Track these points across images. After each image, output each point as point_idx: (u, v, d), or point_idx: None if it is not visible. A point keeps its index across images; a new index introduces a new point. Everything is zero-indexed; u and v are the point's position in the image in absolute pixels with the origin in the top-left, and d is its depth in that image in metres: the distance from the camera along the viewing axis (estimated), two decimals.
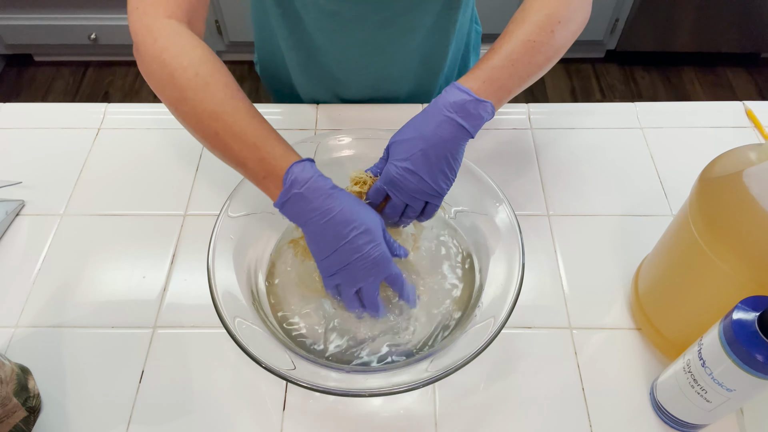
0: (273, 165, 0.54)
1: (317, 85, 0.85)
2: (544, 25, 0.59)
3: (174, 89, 0.55)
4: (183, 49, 0.55)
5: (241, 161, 0.55)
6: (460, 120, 0.55)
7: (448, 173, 0.56)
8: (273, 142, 0.55)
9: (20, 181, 0.75)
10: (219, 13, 1.95)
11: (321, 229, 0.53)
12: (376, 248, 0.54)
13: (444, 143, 0.55)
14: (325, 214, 0.53)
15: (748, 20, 1.96)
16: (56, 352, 0.61)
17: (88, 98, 2.08)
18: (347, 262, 0.54)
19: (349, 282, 0.55)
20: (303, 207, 0.53)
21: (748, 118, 0.82)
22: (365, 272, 0.54)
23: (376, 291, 0.56)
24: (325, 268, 0.56)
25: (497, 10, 1.96)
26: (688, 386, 0.50)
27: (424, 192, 0.56)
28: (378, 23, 0.74)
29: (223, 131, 0.54)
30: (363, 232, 0.54)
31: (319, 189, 0.53)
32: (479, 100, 0.55)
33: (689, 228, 0.50)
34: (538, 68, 0.59)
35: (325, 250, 0.54)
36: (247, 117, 0.55)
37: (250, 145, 0.54)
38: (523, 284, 0.55)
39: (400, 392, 0.50)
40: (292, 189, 0.53)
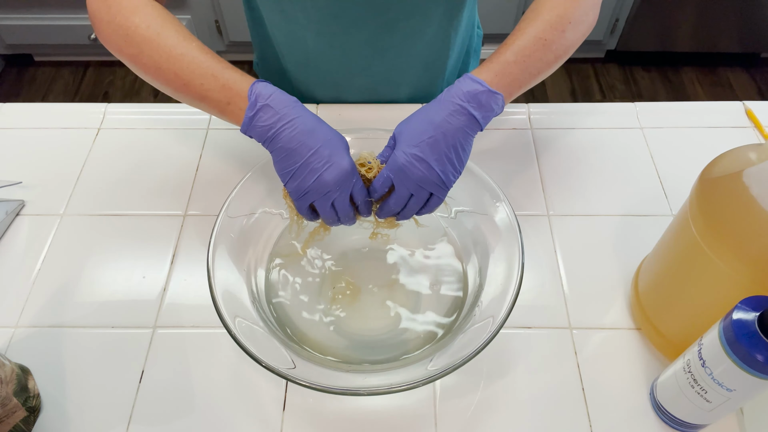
0: (235, 89, 0.56)
1: (316, 87, 0.85)
2: (555, 24, 0.59)
3: (131, 46, 0.58)
4: (134, 10, 0.59)
5: (203, 94, 0.57)
6: (472, 110, 0.55)
7: (456, 164, 0.56)
8: (230, 71, 0.57)
9: (20, 181, 0.75)
10: (219, 13, 1.95)
11: (289, 140, 0.54)
12: (344, 157, 0.55)
13: (455, 132, 0.55)
14: (293, 124, 0.54)
15: (748, 20, 1.96)
16: (56, 352, 0.61)
17: (88, 98, 2.08)
18: (318, 173, 0.54)
19: (323, 196, 0.55)
20: (271, 118, 0.55)
21: (748, 118, 0.82)
22: (338, 183, 0.55)
23: (348, 201, 0.57)
24: (296, 188, 0.55)
25: (497, 10, 1.96)
26: (688, 386, 0.50)
27: (432, 182, 0.56)
28: (380, 27, 0.74)
29: (181, 71, 0.57)
30: (329, 141, 0.55)
31: (283, 100, 0.56)
32: (492, 92, 0.56)
33: (689, 228, 0.50)
34: (547, 66, 0.60)
35: (294, 163, 0.54)
36: (201, 53, 0.58)
37: (208, 76, 0.57)
38: (522, 284, 0.55)
39: (399, 391, 0.50)
40: (258, 102, 0.55)
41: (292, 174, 0.55)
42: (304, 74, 0.84)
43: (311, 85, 0.85)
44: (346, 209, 0.57)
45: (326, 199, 0.56)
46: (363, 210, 0.59)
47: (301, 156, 0.54)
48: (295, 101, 0.56)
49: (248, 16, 0.84)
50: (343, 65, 0.80)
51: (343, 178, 0.55)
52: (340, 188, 0.55)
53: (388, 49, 0.78)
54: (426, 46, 0.78)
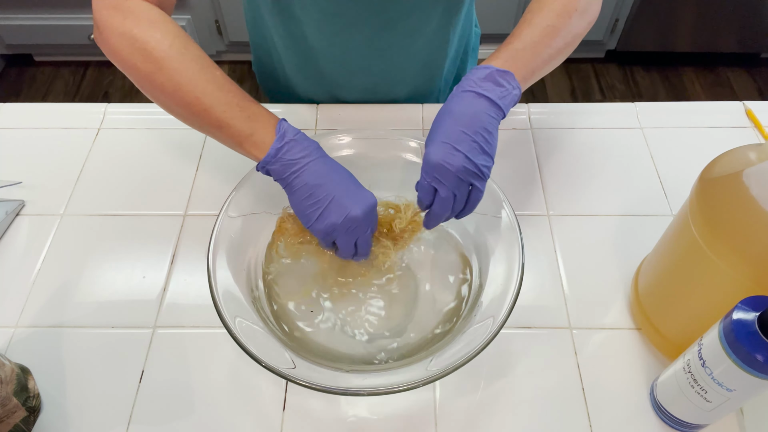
0: (261, 122, 0.56)
1: (315, 86, 0.85)
2: (561, 11, 0.60)
3: (148, 61, 0.56)
4: (154, 24, 0.57)
5: (223, 123, 0.56)
6: (485, 92, 0.55)
7: (488, 150, 0.55)
8: (255, 105, 0.58)
9: (20, 181, 0.75)
10: (219, 13, 1.95)
11: (317, 176, 0.55)
12: (367, 191, 0.56)
13: (476, 118, 0.54)
14: (320, 161, 0.55)
15: (748, 20, 1.96)
16: (56, 352, 0.61)
17: (88, 98, 2.07)
18: (347, 209, 0.54)
19: (350, 232, 0.55)
20: (298, 153, 0.55)
21: (748, 118, 0.82)
22: (366, 218, 0.55)
23: (371, 238, 0.58)
24: (324, 227, 0.55)
25: (497, 10, 1.96)
26: (688, 386, 0.50)
27: (470, 171, 0.54)
28: (379, 26, 0.74)
29: (204, 95, 0.56)
30: (351, 179, 0.56)
31: (309, 139, 0.57)
32: (501, 71, 0.56)
33: (689, 228, 0.50)
34: (558, 52, 0.60)
35: (321, 201, 0.54)
36: (226, 83, 0.58)
37: (233, 106, 0.56)
38: (522, 284, 0.55)
39: (399, 391, 0.50)
40: (286, 136, 0.55)
41: (320, 212, 0.55)
42: (302, 74, 0.84)
43: (309, 85, 0.85)
44: (368, 246, 0.58)
45: (352, 234, 0.56)
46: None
47: (329, 192, 0.54)
48: (318, 145, 0.57)
49: (248, 16, 0.84)
50: (342, 64, 0.80)
51: (370, 213, 0.56)
52: (367, 224, 0.56)
53: (387, 48, 0.78)
54: (425, 44, 0.78)
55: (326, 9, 0.72)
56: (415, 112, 0.83)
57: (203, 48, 2.09)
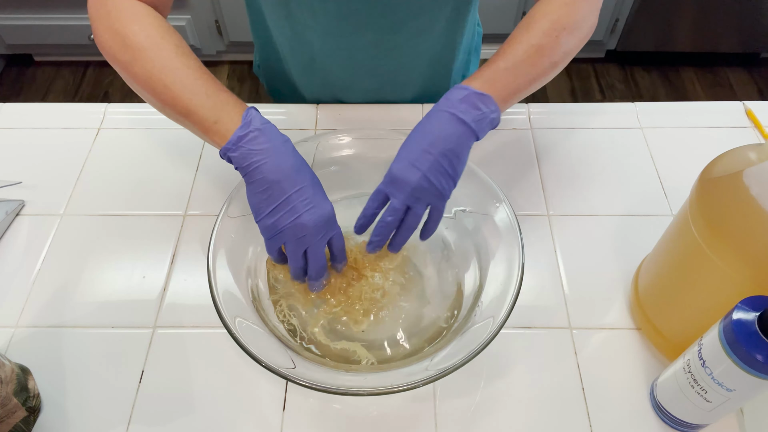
0: (226, 110, 0.55)
1: (320, 88, 0.85)
2: (548, 30, 0.58)
3: (125, 52, 0.57)
4: (135, 18, 0.58)
5: (191, 110, 0.55)
6: (460, 114, 0.54)
7: (450, 172, 0.55)
8: (224, 93, 0.56)
9: (20, 181, 0.75)
10: (219, 13, 1.95)
11: (275, 171, 0.53)
12: (326, 201, 0.55)
13: (445, 139, 0.54)
14: (282, 157, 0.53)
15: (748, 20, 1.96)
16: (56, 352, 0.61)
17: (88, 98, 2.07)
18: (298, 213, 0.53)
19: (297, 240, 0.54)
20: (261, 144, 0.53)
21: (748, 118, 0.82)
22: (317, 227, 0.54)
23: (322, 252, 0.56)
24: (271, 225, 0.54)
25: (497, 10, 1.96)
26: (688, 386, 0.50)
27: (426, 190, 0.55)
28: (386, 27, 0.74)
29: (172, 83, 0.55)
30: (314, 183, 0.55)
31: (276, 133, 0.55)
32: (478, 93, 0.55)
33: (689, 228, 0.50)
34: (543, 72, 0.59)
35: (275, 198, 0.53)
36: (198, 71, 0.56)
37: (200, 94, 0.55)
38: (522, 284, 0.55)
39: (399, 391, 0.50)
40: (252, 125, 0.54)
41: (271, 209, 0.53)
42: (308, 76, 0.84)
43: (315, 87, 0.85)
44: (319, 260, 0.56)
45: (300, 243, 0.54)
46: (339, 258, 0.58)
47: (283, 191, 0.53)
48: (287, 139, 0.56)
49: (251, 18, 0.83)
50: (349, 66, 0.80)
51: (323, 223, 0.54)
52: (318, 234, 0.54)
53: (395, 50, 0.77)
54: (432, 46, 0.78)
55: (334, 13, 0.72)
56: (415, 113, 0.83)
57: (203, 48, 2.08)
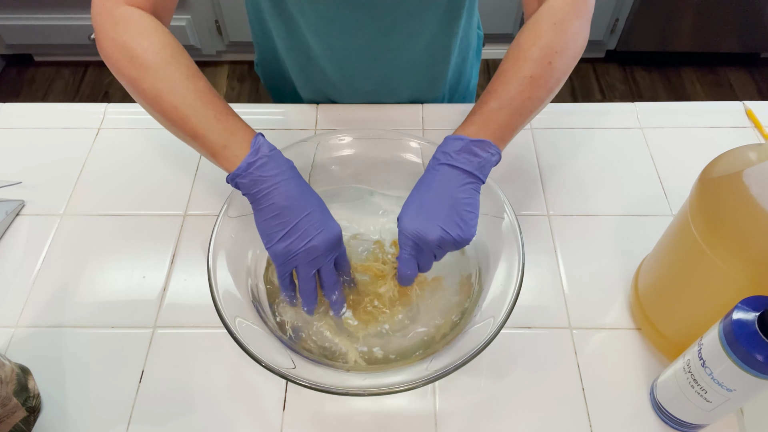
0: (236, 135, 0.55)
1: (316, 89, 0.85)
2: (540, 58, 0.56)
3: (133, 67, 0.56)
4: (144, 32, 0.56)
5: (199, 133, 0.55)
6: (461, 165, 0.54)
7: (469, 221, 0.54)
8: (233, 118, 0.56)
9: (20, 181, 0.75)
10: (219, 13, 1.95)
11: (285, 197, 0.53)
12: (334, 222, 0.56)
13: (453, 192, 0.53)
14: (291, 183, 0.54)
15: (748, 20, 1.96)
16: (56, 352, 0.61)
17: (88, 98, 2.07)
18: (310, 237, 0.53)
19: (310, 262, 0.55)
20: (270, 170, 0.53)
21: (748, 118, 0.82)
22: (328, 248, 0.55)
23: (333, 269, 0.57)
24: (284, 250, 0.54)
25: (497, 11, 1.96)
26: (688, 386, 0.50)
27: (446, 242, 0.54)
28: (378, 30, 0.74)
29: (182, 105, 0.55)
30: (321, 206, 0.55)
31: (284, 159, 0.55)
32: (475, 141, 0.54)
33: (689, 228, 0.50)
34: (539, 102, 0.58)
35: (286, 223, 0.54)
36: (208, 94, 0.56)
37: (210, 118, 0.55)
38: (522, 284, 0.55)
39: (400, 391, 0.50)
40: (261, 151, 0.54)
41: (282, 235, 0.54)
42: (303, 76, 0.84)
43: (311, 87, 0.85)
44: (332, 276, 0.57)
45: (312, 265, 0.55)
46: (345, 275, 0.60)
47: (294, 216, 0.54)
48: (292, 164, 0.56)
49: (251, 17, 0.84)
50: (342, 69, 0.80)
51: (333, 245, 0.56)
52: (329, 254, 0.56)
53: (387, 53, 0.77)
54: (425, 49, 0.78)
55: (324, 14, 0.72)
56: (415, 112, 0.83)
57: (203, 48, 2.08)
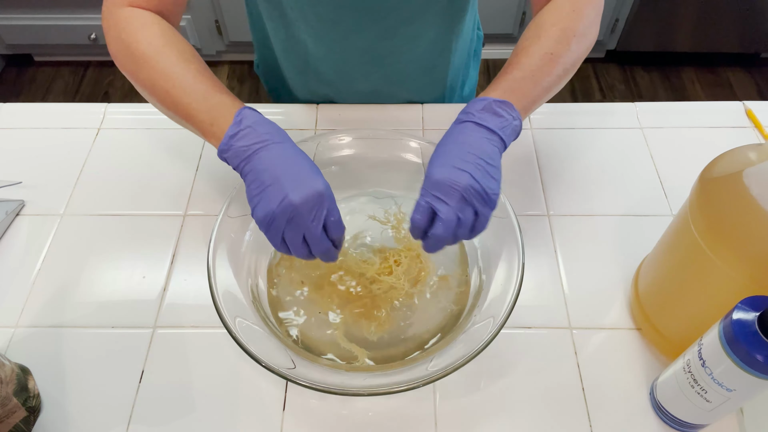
0: (222, 111, 0.55)
1: (315, 90, 0.85)
2: (560, 38, 0.58)
3: (131, 61, 0.58)
4: (141, 27, 0.59)
5: (190, 113, 0.56)
6: (483, 123, 0.53)
7: (493, 175, 0.51)
8: (222, 94, 0.56)
9: (20, 181, 0.75)
10: (219, 13, 1.95)
11: (263, 160, 0.51)
12: (318, 180, 0.51)
13: (478, 143, 0.52)
14: (273, 147, 0.52)
15: (748, 20, 1.96)
16: (56, 352, 0.61)
17: (88, 98, 2.08)
18: (285, 192, 0.49)
19: (292, 222, 0.50)
20: (251, 140, 0.53)
21: (748, 118, 0.82)
22: (308, 205, 0.50)
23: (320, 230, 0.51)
24: (262, 215, 0.51)
25: (497, 11, 1.96)
26: (688, 386, 0.50)
27: (475, 192, 0.50)
28: (379, 33, 0.74)
29: (173, 88, 0.56)
30: (307, 169, 0.51)
31: (268, 125, 0.54)
32: (498, 101, 0.54)
33: (689, 228, 0.50)
34: (558, 79, 0.59)
35: (263, 185, 0.51)
36: (198, 75, 0.57)
37: (199, 97, 0.56)
38: (522, 284, 0.55)
39: (400, 391, 0.50)
40: (243, 123, 0.53)
41: (259, 196, 0.51)
42: (304, 77, 0.84)
43: (310, 89, 0.85)
44: (320, 242, 0.52)
45: (295, 228, 0.50)
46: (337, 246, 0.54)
47: (271, 177, 0.50)
48: (282, 132, 0.54)
49: (251, 18, 0.84)
50: (342, 71, 0.80)
51: (313, 200, 0.50)
52: (311, 213, 0.50)
53: (388, 55, 0.77)
54: (425, 51, 0.78)
55: (324, 16, 0.72)
56: (415, 112, 0.83)
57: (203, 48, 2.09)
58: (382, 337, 0.60)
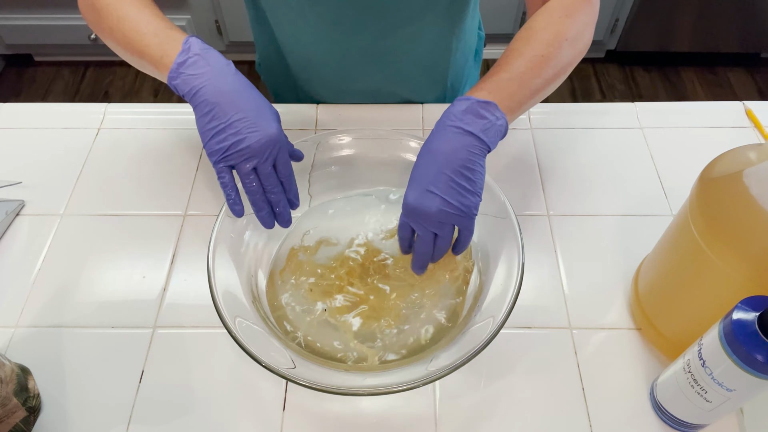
0: (171, 44, 0.57)
1: (316, 89, 0.85)
2: (551, 41, 0.58)
3: (94, 14, 0.62)
4: None
5: (143, 50, 0.58)
6: (466, 126, 0.53)
7: (470, 187, 0.53)
8: (172, 30, 0.58)
9: (20, 181, 0.75)
10: (219, 13, 1.95)
11: (217, 94, 0.53)
12: (272, 124, 0.54)
13: (455, 154, 0.52)
14: (224, 80, 0.54)
15: (748, 20, 1.96)
16: (56, 352, 0.61)
17: (88, 98, 2.08)
18: (242, 135, 0.53)
19: (244, 160, 0.54)
20: (200, 68, 0.54)
21: (748, 118, 0.82)
22: (262, 149, 0.54)
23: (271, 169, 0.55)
24: (217, 149, 0.54)
25: (497, 11, 1.96)
26: (688, 386, 0.50)
27: (449, 214, 0.53)
28: (379, 32, 0.74)
29: (128, 30, 0.59)
30: (259, 107, 0.55)
31: (217, 58, 0.56)
32: (480, 101, 0.53)
33: (689, 228, 0.50)
34: (547, 83, 0.58)
35: (218, 122, 0.54)
36: (151, 17, 0.59)
37: (151, 34, 0.58)
38: (522, 284, 0.55)
39: (399, 391, 0.50)
40: (191, 50, 0.55)
41: (213, 133, 0.54)
42: (305, 77, 0.84)
43: (312, 87, 0.85)
44: (271, 178, 0.55)
45: (248, 162, 0.55)
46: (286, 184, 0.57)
47: (226, 115, 0.53)
48: (230, 63, 0.56)
49: (251, 15, 0.84)
50: (343, 70, 0.80)
51: (269, 144, 0.54)
52: (264, 153, 0.54)
53: (388, 55, 0.77)
54: (425, 51, 0.78)
55: (324, 16, 0.72)
56: (415, 112, 0.83)
57: None
58: (387, 337, 0.60)
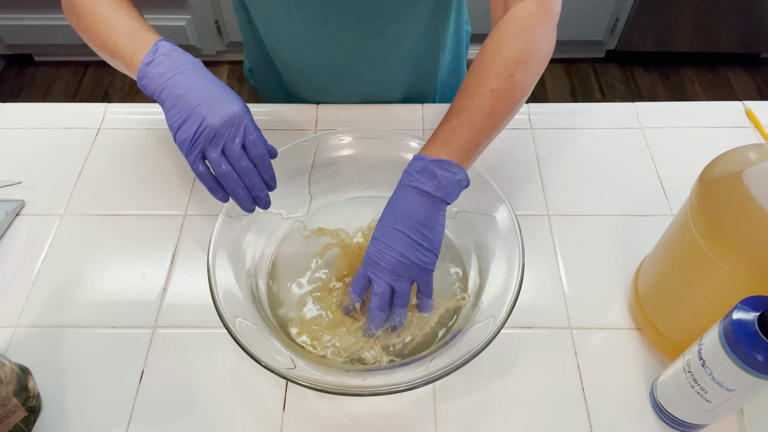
0: (141, 45, 0.58)
1: (307, 92, 0.85)
2: (500, 71, 0.56)
3: (74, 15, 0.64)
4: None
5: (116, 50, 0.59)
6: (421, 186, 0.54)
7: (426, 245, 0.54)
8: (145, 31, 0.60)
9: (20, 181, 0.75)
10: (219, 13, 1.95)
11: (179, 86, 0.55)
12: (236, 103, 0.55)
13: (412, 213, 0.54)
14: (188, 74, 0.56)
15: (748, 20, 1.96)
16: (56, 352, 0.61)
17: (88, 98, 2.08)
18: (203, 116, 0.54)
19: (211, 142, 0.55)
20: (166, 67, 0.56)
21: (748, 118, 0.82)
22: (226, 125, 0.54)
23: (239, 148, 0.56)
24: (184, 138, 0.55)
25: (485, 10, 1.96)
26: (688, 386, 0.50)
27: (406, 268, 0.54)
28: (366, 33, 0.74)
29: (104, 30, 0.61)
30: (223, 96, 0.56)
31: (183, 56, 0.57)
32: (434, 161, 0.54)
33: (689, 228, 0.50)
34: (503, 116, 0.57)
35: (182, 111, 0.55)
36: (126, 18, 0.61)
37: (124, 34, 0.60)
38: (522, 284, 0.55)
39: (399, 391, 0.50)
40: (158, 52, 0.57)
41: (179, 125, 0.55)
42: (296, 78, 0.84)
43: (303, 89, 0.85)
44: (241, 158, 0.55)
45: (214, 145, 0.55)
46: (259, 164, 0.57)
47: (190, 104, 0.55)
48: (197, 61, 0.58)
49: (241, 20, 0.83)
50: (332, 71, 0.80)
51: (232, 121, 0.54)
52: (228, 130, 0.54)
53: (377, 54, 0.77)
54: (414, 48, 0.78)
55: (312, 18, 0.72)
56: (415, 112, 0.83)
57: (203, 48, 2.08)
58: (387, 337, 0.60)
